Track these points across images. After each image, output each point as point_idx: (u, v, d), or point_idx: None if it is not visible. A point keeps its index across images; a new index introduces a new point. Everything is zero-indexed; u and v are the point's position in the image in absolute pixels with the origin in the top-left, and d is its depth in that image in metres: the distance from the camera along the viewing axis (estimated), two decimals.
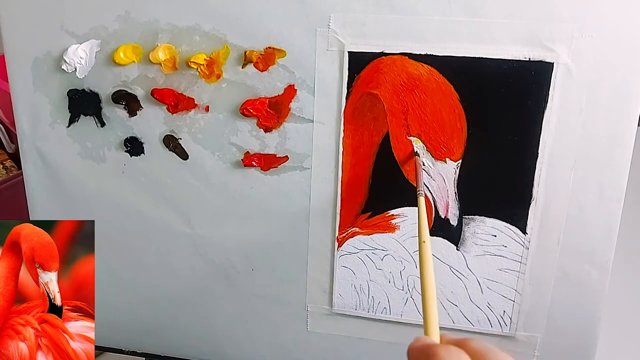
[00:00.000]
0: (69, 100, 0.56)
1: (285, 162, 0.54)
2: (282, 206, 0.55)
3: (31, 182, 0.60)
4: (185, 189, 0.57)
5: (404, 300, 0.55)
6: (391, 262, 0.54)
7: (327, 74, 0.50)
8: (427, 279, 0.35)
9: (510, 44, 0.46)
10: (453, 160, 0.50)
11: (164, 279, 0.60)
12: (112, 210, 0.59)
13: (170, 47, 0.52)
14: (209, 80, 0.52)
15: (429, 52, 0.48)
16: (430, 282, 0.35)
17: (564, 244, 0.51)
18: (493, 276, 0.53)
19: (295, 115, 0.52)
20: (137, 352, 0.64)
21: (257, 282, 0.58)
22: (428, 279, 0.35)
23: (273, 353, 0.61)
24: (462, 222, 0.52)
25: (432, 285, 0.35)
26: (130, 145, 0.56)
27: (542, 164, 0.49)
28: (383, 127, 0.51)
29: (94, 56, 0.54)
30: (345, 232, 0.54)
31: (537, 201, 0.50)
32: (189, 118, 0.54)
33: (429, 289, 0.34)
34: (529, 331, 0.54)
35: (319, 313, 0.58)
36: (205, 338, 0.62)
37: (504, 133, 0.49)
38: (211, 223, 0.57)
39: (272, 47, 0.50)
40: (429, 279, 0.35)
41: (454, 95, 0.48)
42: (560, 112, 0.47)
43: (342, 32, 0.49)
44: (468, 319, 0.54)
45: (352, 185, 0.53)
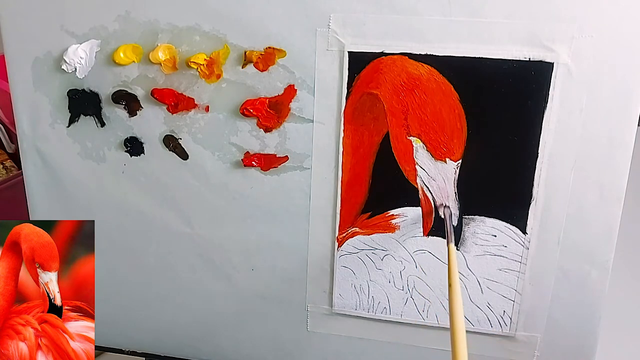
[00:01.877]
0: (69, 100, 0.56)
1: (285, 162, 0.54)
2: (282, 206, 0.55)
3: (31, 182, 0.60)
4: (185, 189, 0.57)
5: (404, 300, 0.55)
6: (391, 262, 0.54)
7: (327, 74, 0.50)
8: (457, 324, 0.37)
9: (510, 44, 0.46)
10: (453, 160, 0.50)
11: (164, 279, 0.60)
12: (112, 210, 0.59)
13: (170, 47, 0.52)
14: (209, 80, 0.52)
15: (429, 52, 0.48)
16: (461, 327, 0.37)
17: (564, 244, 0.51)
18: (493, 276, 0.53)
19: (295, 115, 0.52)
20: (137, 352, 0.64)
21: (257, 282, 0.58)
22: (459, 325, 0.37)
23: (273, 353, 0.61)
24: (462, 222, 0.52)
25: (462, 330, 0.37)
26: (130, 145, 0.56)
27: (542, 164, 0.49)
28: (383, 127, 0.51)
29: (94, 56, 0.54)
30: (345, 232, 0.54)
31: (537, 201, 0.50)
32: (189, 118, 0.54)
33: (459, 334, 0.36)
34: (529, 331, 0.54)
35: (319, 313, 0.58)
36: (205, 338, 0.62)
37: (504, 133, 0.49)
38: (211, 223, 0.57)
39: (272, 47, 0.50)
40: (459, 325, 0.37)
41: (454, 95, 0.48)
42: (560, 112, 0.47)
43: (342, 32, 0.49)
44: (468, 319, 0.54)
45: (352, 185, 0.53)
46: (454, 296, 0.39)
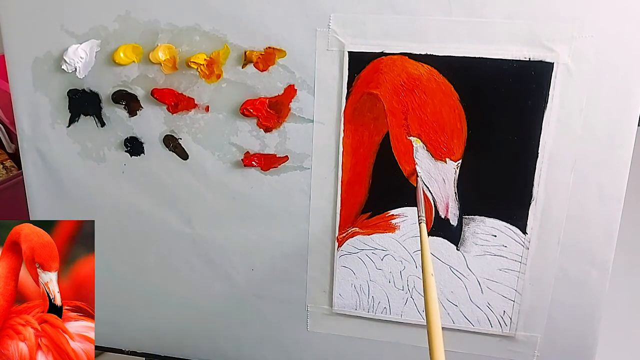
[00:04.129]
0: (69, 100, 0.56)
1: (285, 162, 0.54)
2: (282, 206, 0.55)
3: (31, 182, 0.60)
4: (185, 189, 0.57)
5: (404, 300, 0.55)
6: (391, 262, 0.54)
7: (327, 74, 0.50)
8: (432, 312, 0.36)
9: (510, 44, 0.46)
10: (453, 160, 0.50)
11: (164, 279, 0.60)
12: (112, 210, 0.59)
13: (170, 47, 0.52)
14: (209, 80, 0.52)
15: (429, 52, 0.48)
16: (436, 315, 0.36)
17: (564, 244, 0.51)
18: (493, 276, 0.53)
19: (295, 115, 0.52)
20: (137, 352, 0.64)
21: (257, 282, 0.58)
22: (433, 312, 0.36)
23: (273, 353, 0.61)
24: (462, 222, 0.52)
25: (437, 317, 0.36)
26: (130, 145, 0.56)
27: (542, 164, 0.49)
28: (383, 127, 0.51)
29: (94, 56, 0.54)
30: (345, 232, 0.54)
31: (537, 201, 0.50)
32: (189, 118, 0.54)
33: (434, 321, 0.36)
34: (529, 331, 0.54)
35: (319, 313, 0.58)
36: (205, 338, 0.62)
37: (504, 133, 0.49)
38: (211, 223, 0.57)
39: (272, 47, 0.50)
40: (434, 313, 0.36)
41: (454, 95, 0.48)
42: (560, 112, 0.47)
43: (342, 32, 0.49)
44: (468, 319, 0.54)
45: (352, 185, 0.53)
46: (430, 286, 0.39)
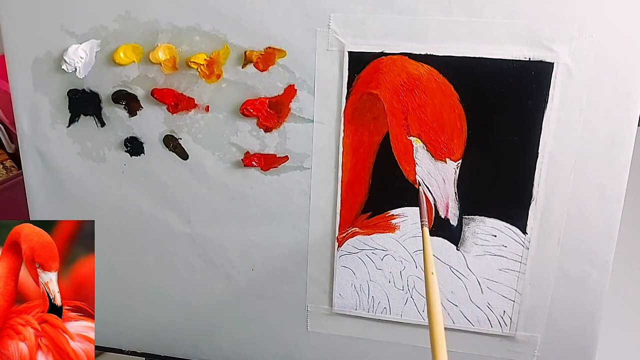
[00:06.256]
0: (69, 100, 0.56)
1: (285, 162, 0.54)
2: (282, 206, 0.55)
3: (31, 182, 0.60)
4: (185, 189, 0.57)
5: (404, 300, 0.55)
6: (391, 262, 0.54)
7: (327, 74, 0.50)
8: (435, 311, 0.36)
9: (510, 44, 0.46)
10: (453, 160, 0.50)
11: (164, 279, 0.60)
12: (112, 210, 0.59)
13: (170, 47, 0.52)
14: (209, 80, 0.52)
15: (429, 52, 0.48)
16: (439, 314, 0.36)
17: (564, 244, 0.51)
18: (493, 276, 0.53)
19: (295, 115, 0.52)
20: (137, 352, 0.64)
21: (257, 282, 0.58)
22: (436, 312, 0.36)
23: (273, 353, 0.61)
24: (462, 222, 0.52)
25: (439, 315, 0.36)
26: (130, 145, 0.56)
27: (542, 164, 0.49)
28: (383, 127, 0.51)
29: (94, 56, 0.54)
30: (345, 232, 0.54)
31: (537, 201, 0.50)
32: (189, 118, 0.54)
33: (437, 320, 0.36)
34: (529, 331, 0.54)
35: (319, 313, 0.58)
36: (205, 338, 0.62)
37: (504, 133, 0.49)
38: (211, 223, 0.57)
39: (272, 47, 0.50)
40: (437, 311, 0.36)
41: (454, 95, 0.48)
42: (560, 112, 0.47)
43: (342, 32, 0.49)
44: (468, 319, 0.54)
45: (352, 185, 0.53)
46: (432, 285, 0.39)
